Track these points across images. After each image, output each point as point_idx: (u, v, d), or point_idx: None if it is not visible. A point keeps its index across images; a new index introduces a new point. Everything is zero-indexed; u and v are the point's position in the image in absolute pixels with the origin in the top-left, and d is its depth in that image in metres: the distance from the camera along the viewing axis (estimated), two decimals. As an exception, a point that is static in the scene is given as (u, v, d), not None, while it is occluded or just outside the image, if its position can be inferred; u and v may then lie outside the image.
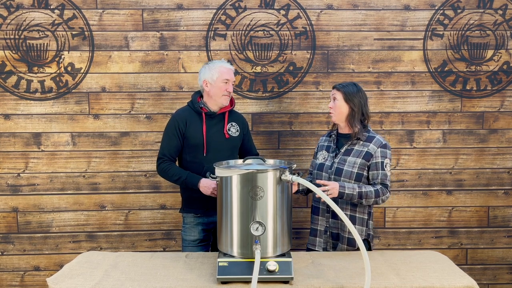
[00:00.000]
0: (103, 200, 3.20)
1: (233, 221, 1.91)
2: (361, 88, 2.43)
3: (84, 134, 3.15)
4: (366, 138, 2.38)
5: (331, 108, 2.44)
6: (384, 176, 2.34)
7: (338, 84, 2.44)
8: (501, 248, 3.31)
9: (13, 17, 3.06)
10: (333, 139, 2.49)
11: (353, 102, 2.37)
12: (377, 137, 2.39)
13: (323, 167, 2.44)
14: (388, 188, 2.35)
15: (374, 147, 2.35)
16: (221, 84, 2.53)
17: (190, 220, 2.62)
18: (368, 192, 2.28)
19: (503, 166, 3.26)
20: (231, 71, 2.58)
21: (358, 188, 2.28)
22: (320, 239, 2.45)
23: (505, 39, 3.18)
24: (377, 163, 2.34)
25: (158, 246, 3.24)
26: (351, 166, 2.35)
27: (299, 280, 1.90)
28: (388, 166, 2.35)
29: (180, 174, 2.49)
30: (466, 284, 1.89)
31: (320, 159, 2.49)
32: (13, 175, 3.16)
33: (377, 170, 2.34)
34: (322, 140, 2.59)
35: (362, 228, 2.39)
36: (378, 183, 2.33)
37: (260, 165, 2.04)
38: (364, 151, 2.36)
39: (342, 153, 2.41)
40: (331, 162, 2.42)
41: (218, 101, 2.56)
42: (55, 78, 3.11)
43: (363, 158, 2.35)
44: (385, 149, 2.36)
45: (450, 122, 3.23)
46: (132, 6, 3.09)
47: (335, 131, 2.51)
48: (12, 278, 3.21)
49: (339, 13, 3.15)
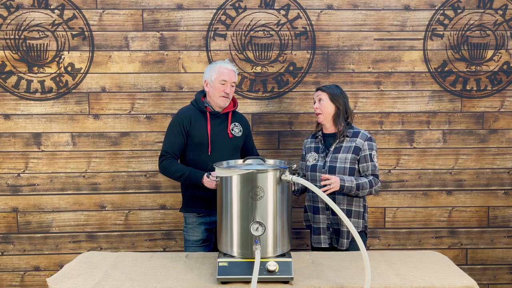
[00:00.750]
0: (103, 200, 3.20)
1: (233, 221, 1.91)
2: (342, 89, 2.58)
3: (84, 134, 3.15)
4: (352, 134, 2.52)
5: (317, 109, 2.56)
6: (373, 167, 2.49)
7: (322, 86, 2.60)
8: (501, 248, 3.31)
9: (13, 17, 3.06)
10: (320, 139, 2.59)
11: (338, 101, 2.52)
12: (361, 131, 2.53)
13: (316, 167, 2.54)
14: (378, 177, 2.50)
15: (361, 141, 2.49)
16: (218, 85, 2.52)
17: (192, 220, 2.61)
18: (363, 183, 2.42)
19: (503, 166, 3.26)
20: (232, 72, 2.56)
21: (355, 181, 2.41)
22: (325, 236, 2.55)
23: (505, 39, 3.18)
24: (365, 155, 2.49)
25: (158, 246, 3.24)
26: (343, 162, 2.47)
27: (299, 280, 1.90)
28: (375, 157, 2.51)
29: (184, 171, 2.48)
30: (466, 284, 1.89)
31: (311, 160, 2.58)
32: (13, 175, 3.16)
33: (367, 162, 2.49)
34: (308, 142, 2.68)
35: (359, 220, 2.52)
36: (369, 174, 2.48)
37: (260, 165, 2.04)
38: (353, 146, 2.49)
39: (332, 151, 2.52)
40: (323, 162, 2.52)
41: (216, 102, 2.56)
42: (55, 78, 3.11)
43: (352, 153, 2.48)
44: (371, 142, 2.51)
45: (450, 122, 3.23)
46: (132, 6, 3.09)
47: (320, 132, 2.62)
48: (12, 278, 3.21)
49: (339, 13, 3.15)
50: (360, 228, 2.51)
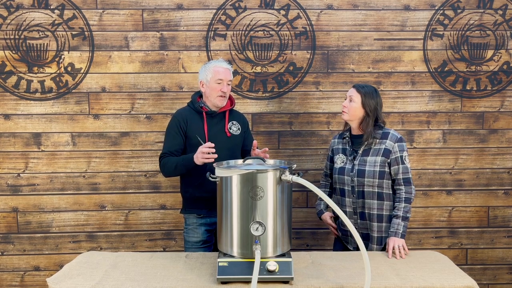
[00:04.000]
0: (103, 200, 3.20)
1: (233, 221, 1.91)
2: (379, 93, 2.43)
3: (84, 134, 3.15)
4: (381, 135, 2.39)
5: (345, 107, 2.42)
6: (405, 169, 2.36)
7: (359, 86, 2.42)
8: (501, 248, 3.31)
9: (13, 17, 3.06)
10: (348, 141, 2.48)
11: (369, 106, 2.37)
12: (391, 132, 2.40)
13: (344, 170, 2.44)
14: (410, 182, 2.37)
15: (391, 142, 2.37)
16: (215, 85, 2.52)
17: (192, 221, 2.61)
18: (404, 209, 2.32)
19: (503, 166, 3.26)
20: (227, 71, 2.55)
21: (400, 218, 2.31)
22: (352, 238, 2.48)
23: (505, 39, 3.18)
24: (396, 158, 2.36)
25: (158, 246, 3.24)
26: (372, 166, 2.37)
27: (299, 280, 1.90)
28: (407, 158, 2.38)
29: (177, 161, 2.46)
30: (466, 284, 1.89)
31: (339, 163, 2.49)
32: (13, 175, 3.16)
33: (398, 165, 2.36)
34: (335, 142, 2.57)
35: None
36: (400, 178, 2.36)
37: (260, 165, 2.04)
38: (382, 149, 2.37)
39: (361, 154, 2.41)
40: (351, 165, 2.42)
41: (213, 102, 2.55)
42: (55, 78, 3.11)
43: (382, 156, 2.36)
44: (401, 143, 2.37)
45: (450, 122, 3.23)
46: (132, 6, 3.09)
47: (348, 133, 2.50)
48: (12, 278, 3.21)
49: (339, 13, 3.15)
50: None
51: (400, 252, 2.21)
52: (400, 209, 2.33)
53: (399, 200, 2.35)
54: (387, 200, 2.39)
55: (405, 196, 2.35)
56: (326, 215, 2.61)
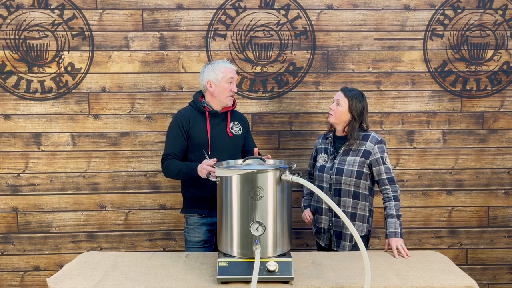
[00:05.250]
0: (103, 200, 3.20)
1: (233, 221, 1.91)
2: (365, 99, 2.50)
3: (84, 134, 3.15)
4: (362, 137, 2.47)
5: (332, 110, 2.51)
6: (387, 170, 2.42)
7: (347, 90, 2.49)
8: (501, 248, 3.31)
9: (13, 17, 3.06)
10: (330, 141, 2.58)
11: (356, 111, 2.45)
12: (372, 134, 2.48)
13: (324, 168, 2.53)
14: (394, 181, 2.42)
15: (371, 144, 2.45)
16: (225, 85, 2.53)
17: (193, 220, 2.60)
18: (395, 207, 2.36)
19: (503, 166, 3.26)
20: (235, 71, 2.60)
21: (395, 217, 2.34)
22: (324, 235, 2.56)
23: (505, 39, 3.18)
24: (377, 159, 2.43)
25: (158, 246, 3.24)
26: (351, 165, 2.44)
27: (299, 280, 1.90)
28: (387, 159, 2.45)
29: (180, 166, 2.46)
30: (466, 284, 1.89)
31: (321, 161, 2.57)
32: (13, 175, 3.16)
33: (379, 166, 2.42)
34: (319, 142, 2.67)
35: (363, 224, 2.48)
36: (384, 178, 2.41)
37: (260, 165, 2.04)
38: (362, 150, 2.45)
39: (341, 153, 2.49)
40: (331, 164, 2.51)
41: (223, 102, 2.56)
42: (55, 78, 3.11)
43: (362, 156, 2.44)
44: (381, 144, 2.45)
45: (450, 122, 3.23)
46: (132, 6, 3.09)
47: (331, 134, 2.59)
48: (12, 278, 3.21)
49: (339, 13, 3.15)
50: (364, 232, 2.47)
51: (405, 250, 2.25)
52: (393, 208, 2.37)
53: (388, 199, 2.40)
54: (362, 200, 2.46)
55: (393, 194, 2.40)
56: (308, 211, 2.69)
